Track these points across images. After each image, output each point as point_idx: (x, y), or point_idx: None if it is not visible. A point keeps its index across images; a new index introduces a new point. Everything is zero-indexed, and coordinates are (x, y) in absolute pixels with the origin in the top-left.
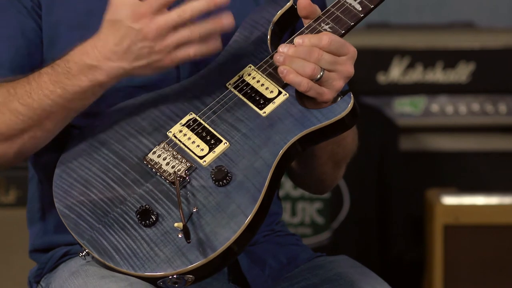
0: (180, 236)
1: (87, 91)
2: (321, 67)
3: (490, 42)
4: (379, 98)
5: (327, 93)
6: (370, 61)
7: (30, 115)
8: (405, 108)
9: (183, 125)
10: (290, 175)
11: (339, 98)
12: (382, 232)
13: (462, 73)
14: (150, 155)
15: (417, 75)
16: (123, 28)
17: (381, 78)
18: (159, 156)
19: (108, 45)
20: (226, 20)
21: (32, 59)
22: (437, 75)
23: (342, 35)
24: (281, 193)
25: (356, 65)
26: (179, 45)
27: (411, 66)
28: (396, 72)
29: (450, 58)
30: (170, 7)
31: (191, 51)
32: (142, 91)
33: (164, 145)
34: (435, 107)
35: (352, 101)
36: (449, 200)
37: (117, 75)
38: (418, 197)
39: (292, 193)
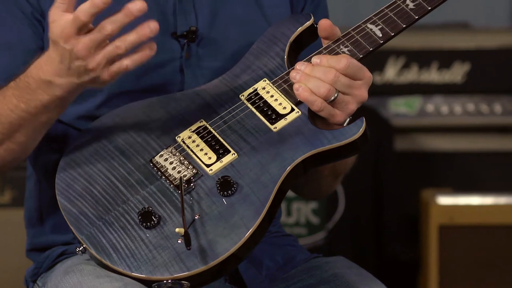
0: (180, 241)
1: (48, 105)
2: (336, 89)
3: (485, 42)
4: (374, 98)
5: (339, 115)
6: (365, 61)
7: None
8: (400, 108)
9: (193, 132)
10: None
11: (350, 122)
12: (377, 232)
13: (457, 73)
14: (157, 158)
15: (412, 75)
16: (60, 48)
17: (376, 78)
18: (166, 159)
19: (55, 63)
20: (150, 27)
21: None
22: (432, 75)
23: (360, 60)
24: None
25: None
26: (110, 60)
27: (406, 66)
28: (391, 72)
29: (445, 58)
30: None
31: (124, 63)
32: (147, 96)
33: (172, 149)
34: (430, 107)
35: (364, 126)
36: (444, 200)
37: (72, 89)
38: (413, 197)
39: (287, 193)
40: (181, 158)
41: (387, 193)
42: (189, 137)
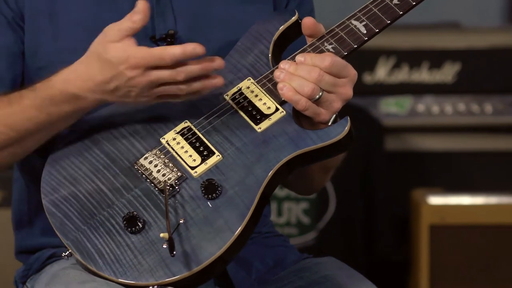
0: (164, 246)
1: (72, 115)
2: (320, 88)
3: (476, 42)
4: (364, 98)
5: (324, 114)
6: (356, 61)
7: (12, 135)
8: (391, 108)
9: (177, 133)
10: None
11: (336, 120)
12: (368, 232)
13: (448, 73)
14: (142, 161)
15: (403, 75)
16: (114, 71)
17: (367, 78)
18: (150, 162)
19: (95, 80)
20: (217, 63)
21: (12, 70)
22: (423, 75)
23: (344, 57)
24: None
25: None
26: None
27: (397, 66)
28: (382, 72)
29: (436, 58)
30: None
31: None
32: None
33: (156, 152)
34: (421, 107)
35: (348, 125)
36: (435, 200)
37: (100, 103)
38: (404, 197)
39: (278, 193)
40: (166, 161)
41: (378, 193)
42: (174, 139)
